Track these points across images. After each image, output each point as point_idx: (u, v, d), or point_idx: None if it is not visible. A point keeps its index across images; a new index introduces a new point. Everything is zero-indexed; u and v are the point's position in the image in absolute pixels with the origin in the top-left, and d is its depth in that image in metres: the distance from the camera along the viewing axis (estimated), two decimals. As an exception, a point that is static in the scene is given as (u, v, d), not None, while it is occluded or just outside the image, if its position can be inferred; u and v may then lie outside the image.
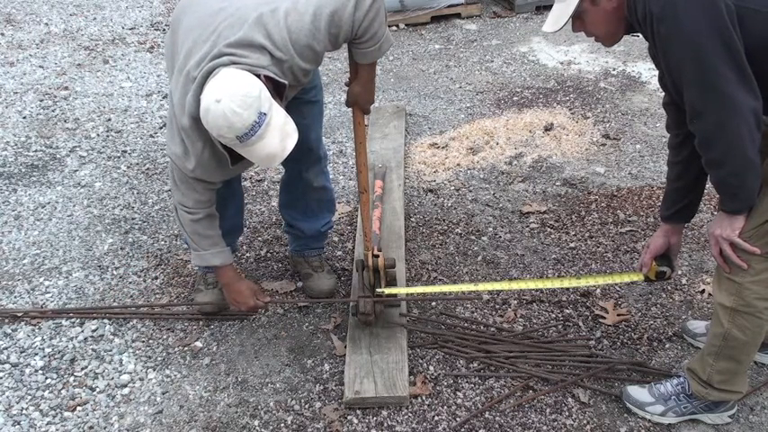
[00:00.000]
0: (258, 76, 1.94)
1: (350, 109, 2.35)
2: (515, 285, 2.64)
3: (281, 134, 1.94)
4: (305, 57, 2.03)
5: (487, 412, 2.25)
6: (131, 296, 2.83)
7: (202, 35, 2.02)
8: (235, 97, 1.85)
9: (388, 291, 2.48)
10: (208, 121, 1.90)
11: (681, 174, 2.08)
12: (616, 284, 2.74)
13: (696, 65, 1.68)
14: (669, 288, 2.74)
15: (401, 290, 2.59)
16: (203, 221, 2.29)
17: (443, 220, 3.22)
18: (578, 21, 1.91)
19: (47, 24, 5.82)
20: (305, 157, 2.57)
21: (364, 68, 2.21)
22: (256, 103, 1.87)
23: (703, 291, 2.71)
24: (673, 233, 2.19)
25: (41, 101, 4.48)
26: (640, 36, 1.87)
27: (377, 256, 2.44)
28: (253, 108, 1.86)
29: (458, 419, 2.23)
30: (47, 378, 2.45)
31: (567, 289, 2.74)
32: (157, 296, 2.82)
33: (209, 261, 2.37)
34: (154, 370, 2.47)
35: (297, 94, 2.45)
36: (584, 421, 2.21)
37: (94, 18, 5.98)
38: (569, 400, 2.28)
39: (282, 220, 2.89)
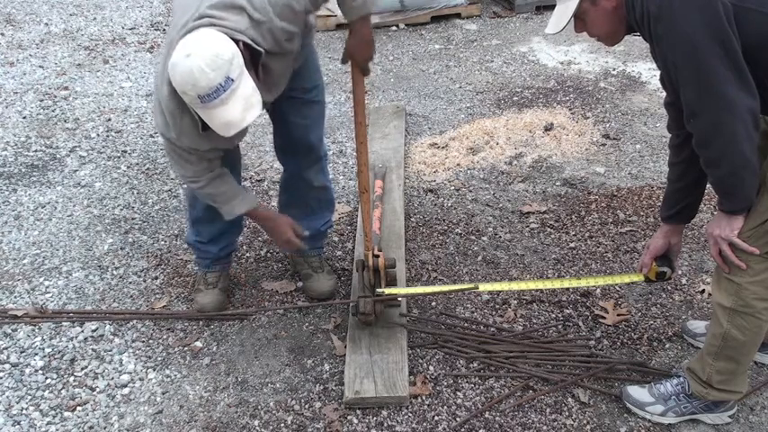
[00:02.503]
0: (237, 42, 1.92)
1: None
2: (515, 286, 2.65)
3: (244, 104, 1.91)
4: (284, 17, 2.01)
5: (487, 412, 2.25)
6: (131, 296, 2.83)
7: (190, 4, 2.01)
8: (205, 55, 1.83)
9: (388, 291, 2.48)
10: (174, 75, 1.89)
11: (681, 174, 2.08)
12: (616, 285, 2.74)
13: (693, 64, 1.68)
14: (669, 288, 2.74)
15: (401, 290, 2.59)
16: (212, 184, 2.27)
17: (443, 220, 3.23)
18: (579, 21, 1.92)
19: (47, 24, 5.82)
20: (305, 157, 2.57)
21: (356, 24, 2.19)
22: (226, 67, 1.85)
23: (703, 291, 2.71)
24: (673, 234, 2.20)
25: (41, 101, 4.48)
26: (640, 36, 1.87)
27: (377, 256, 2.44)
28: (221, 70, 1.84)
29: (458, 419, 2.23)
30: (47, 378, 2.45)
31: (567, 289, 2.74)
32: (157, 296, 2.82)
33: (235, 212, 2.35)
34: (154, 370, 2.47)
35: (297, 94, 2.44)
36: (584, 421, 2.21)
37: (94, 18, 5.98)
38: (569, 400, 2.28)
39: None
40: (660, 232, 2.21)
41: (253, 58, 1.99)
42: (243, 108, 1.92)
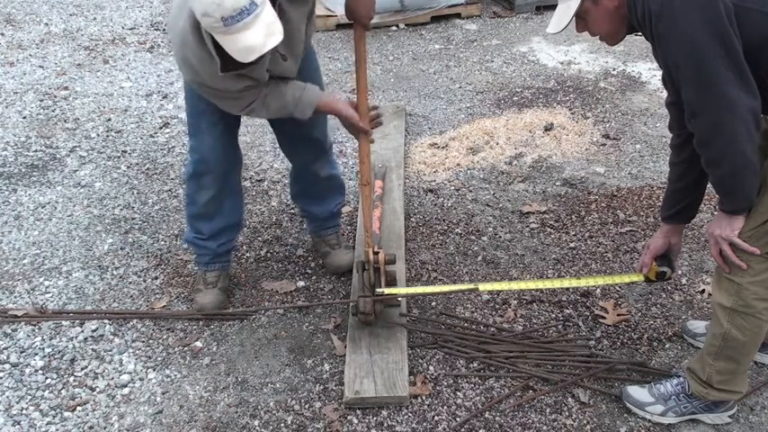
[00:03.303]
0: None
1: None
2: (515, 285, 2.65)
3: (266, 30, 1.91)
4: None
5: (487, 412, 2.25)
6: (131, 296, 2.83)
7: None
8: None
9: (387, 291, 2.47)
10: None
11: (682, 174, 2.08)
12: (616, 285, 2.74)
13: (693, 64, 1.68)
14: (669, 288, 2.74)
15: (401, 290, 2.59)
16: (269, 103, 2.27)
17: (443, 220, 3.22)
18: (581, 21, 1.92)
19: (47, 24, 5.82)
20: (310, 150, 2.61)
21: None
22: None
23: (703, 291, 2.71)
24: (673, 233, 2.20)
25: (41, 101, 4.48)
26: (642, 35, 1.87)
27: (377, 253, 2.44)
28: None
29: (458, 419, 2.23)
30: (47, 378, 2.45)
31: (567, 289, 2.74)
32: (157, 296, 2.82)
33: (307, 112, 2.33)
34: (154, 370, 2.47)
35: None
36: (584, 421, 2.21)
37: (94, 18, 5.98)
38: (569, 400, 2.28)
39: (296, 207, 3.01)
40: (660, 232, 2.21)
41: None
42: (265, 34, 1.91)
